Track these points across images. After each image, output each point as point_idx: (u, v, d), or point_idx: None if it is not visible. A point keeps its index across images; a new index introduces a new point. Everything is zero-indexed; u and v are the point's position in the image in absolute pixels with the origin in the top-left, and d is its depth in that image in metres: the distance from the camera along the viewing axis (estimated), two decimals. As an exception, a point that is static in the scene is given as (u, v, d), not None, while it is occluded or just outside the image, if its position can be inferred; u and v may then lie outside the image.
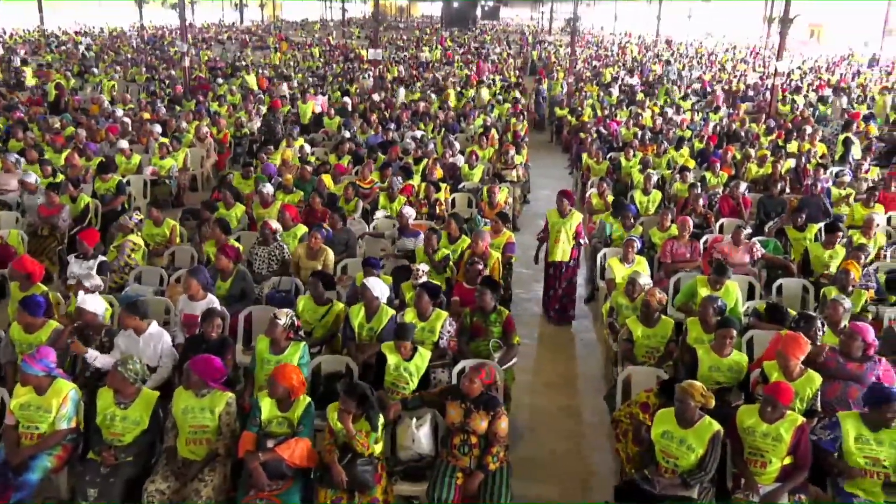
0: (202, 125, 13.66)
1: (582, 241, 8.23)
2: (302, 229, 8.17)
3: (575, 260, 8.28)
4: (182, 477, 4.66)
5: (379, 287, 6.10)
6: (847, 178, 10.48)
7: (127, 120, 14.20)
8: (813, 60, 34.65)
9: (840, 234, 7.87)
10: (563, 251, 8.10)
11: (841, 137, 14.31)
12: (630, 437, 5.21)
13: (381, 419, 4.74)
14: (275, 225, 7.79)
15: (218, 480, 4.67)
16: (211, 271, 6.84)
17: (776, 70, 18.74)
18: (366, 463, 4.57)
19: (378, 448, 4.75)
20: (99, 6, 56.73)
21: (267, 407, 4.75)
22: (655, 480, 4.57)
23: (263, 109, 16.21)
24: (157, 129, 13.25)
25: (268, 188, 9.07)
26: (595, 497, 5.37)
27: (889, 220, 9.75)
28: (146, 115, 15.22)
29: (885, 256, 8.36)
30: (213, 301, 6.25)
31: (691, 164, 12.05)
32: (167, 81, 21.37)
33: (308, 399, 4.83)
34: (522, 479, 5.55)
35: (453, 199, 10.69)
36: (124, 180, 10.49)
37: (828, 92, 21.13)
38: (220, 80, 21.93)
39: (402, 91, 20.40)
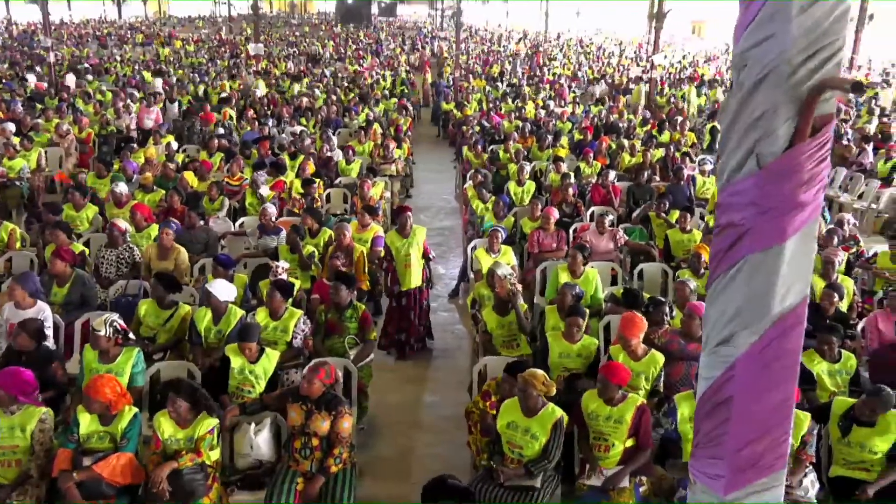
0: (63, 123, 12.80)
1: (431, 256, 7.78)
2: (156, 230, 7.70)
3: (426, 280, 7.60)
4: (-12, 503, 4.24)
5: (223, 290, 5.78)
6: (708, 167, 10.86)
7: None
8: (692, 55, 36.13)
9: (689, 216, 8.09)
10: (415, 276, 7.20)
11: (708, 126, 14.90)
12: (479, 428, 5.13)
13: (216, 421, 4.47)
14: (124, 225, 7.31)
15: (30, 505, 4.27)
16: (48, 277, 6.34)
17: (653, 63, 19.33)
18: (194, 471, 4.28)
19: (214, 455, 4.47)
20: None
21: (86, 421, 4.39)
22: (499, 471, 4.50)
23: (134, 107, 15.37)
24: (11, 127, 12.30)
25: (121, 187, 8.54)
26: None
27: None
28: (-1, 114, 14.17)
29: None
30: (42, 309, 5.77)
31: (564, 153, 12.22)
32: (28, 79, 20.01)
33: (134, 410, 4.49)
34: (375, 479, 5.41)
35: (328, 195, 10.42)
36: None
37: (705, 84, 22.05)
38: (89, 77, 20.71)
39: (262, 84, 19.89)
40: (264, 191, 9.21)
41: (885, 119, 15.17)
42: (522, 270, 8.39)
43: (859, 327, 6.23)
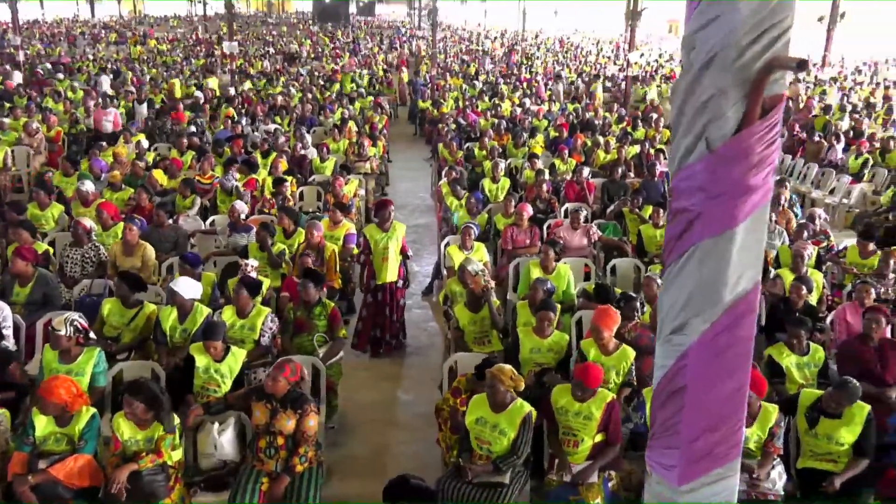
0: (31, 122, 12.58)
1: (409, 253, 7.67)
2: (122, 227, 7.58)
3: (403, 279, 7.42)
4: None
5: (189, 288, 5.69)
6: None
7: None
8: (668, 53, 36.34)
9: (662, 211, 8.09)
10: (391, 270, 7.06)
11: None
12: (449, 426, 5.08)
13: (178, 422, 4.38)
14: (88, 224, 7.18)
15: (-16, 510, 4.17)
16: (9, 276, 6.20)
17: (628, 61, 19.43)
18: (154, 472, 4.19)
19: (176, 455, 4.38)
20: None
21: (42, 423, 4.28)
22: (467, 468, 4.45)
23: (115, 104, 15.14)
24: (-23, 126, 12.09)
25: (87, 185, 8.39)
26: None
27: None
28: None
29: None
30: (1, 309, 5.63)
31: (540, 151, 12.22)
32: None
33: (92, 411, 4.39)
34: (344, 478, 5.34)
35: (301, 192, 10.33)
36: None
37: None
38: (59, 76, 20.39)
39: (224, 78, 19.73)
40: (238, 185, 9.10)
41: (856, 115, 15.31)
42: (496, 267, 8.36)
43: (828, 320, 6.26)
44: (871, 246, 7.28)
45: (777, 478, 4.41)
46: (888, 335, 5.69)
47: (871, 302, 5.83)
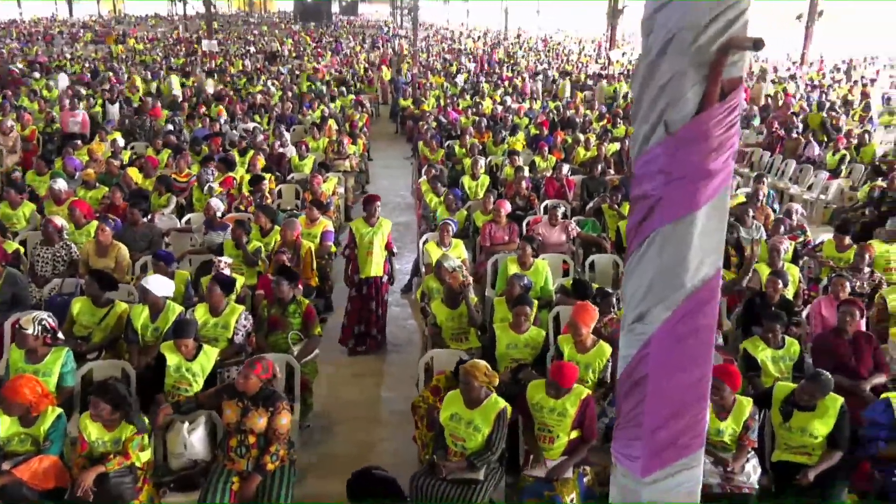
0: (5, 120, 12.39)
1: (394, 250, 7.61)
2: (96, 226, 7.46)
3: (388, 274, 7.39)
4: None
5: (160, 285, 5.60)
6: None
7: None
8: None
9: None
10: (376, 265, 7.04)
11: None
12: (426, 423, 5.03)
13: (146, 422, 4.30)
14: (60, 222, 7.06)
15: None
16: (-23, 277, 6.08)
17: (609, 59, 19.46)
18: (122, 474, 4.11)
19: (144, 456, 4.30)
20: None
21: (6, 424, 4.19)
22: (441, 465, 4.41)
23: (80, 105, 14.94)
24: (-51, 125, 11.87)
25: (59, 184, 8.27)
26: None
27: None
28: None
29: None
30: (-32, 309, 5.53)
31: (520, 148, 12.21)
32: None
33: (58, 411, 4.31)
34: (320, 477, 5.28)
35: (279, 190, 10.25)
36: None
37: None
38: (36, 75, 20.13)
39: (210, 82, 19.56)
40: (213, 185, 9.00)
41: (832, 113, 15.43)
42: (475, 264, 8.32)
43: (804, 314, 6.27)
44: (847, 240, 7.31)
45: (752, 471, 4.40)
46: (863, 328, 5.72)
47: (846, 295, 5.84)
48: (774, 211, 9.01)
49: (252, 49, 33.40)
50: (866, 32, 38.46)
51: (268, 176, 9.91)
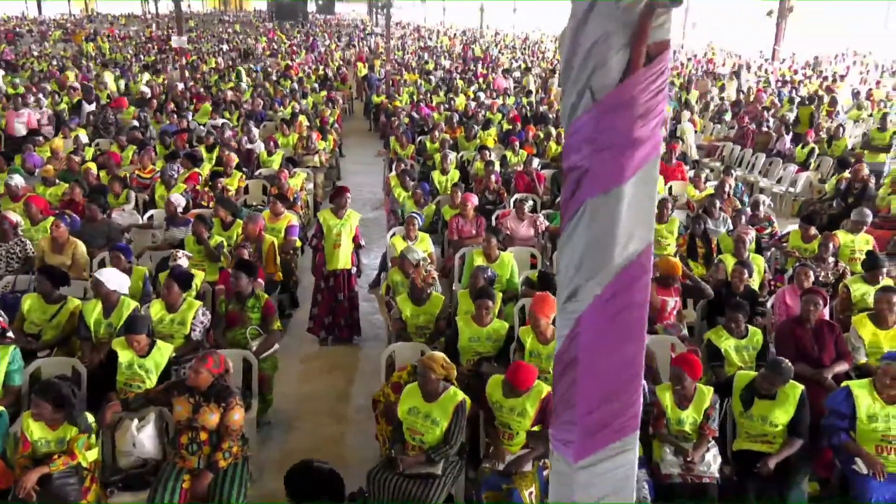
0: (-36, 118, 12.15)
1: (362, 243, 7.51)
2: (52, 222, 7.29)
3: (356, 266, 7.37)
4: None
5: (114, 278, 5.46)
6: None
7: None
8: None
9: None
10: (344, 257, 6.97)
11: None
12: (386, 418, 4.94)
13: (92, 420, 4.17)
14: (15, 218, 6.89)
15: None
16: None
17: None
18: (67, 475, 3.97)
19: (91, 456, 4.16)
20: None
21: (-56, 423, 4.03)
22: (399, 459, 4.32)
23: (45, 101, 14.67)
24: None
25: (16, 179, 8.07)
26: (350, 483, 5.04)
27: (670, 190, 10.23)
28: None
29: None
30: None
31: (491, 143, 12.15)
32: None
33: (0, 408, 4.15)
34: (279, 473, 5.13)
35: (247, 186, 10.09)
36: None
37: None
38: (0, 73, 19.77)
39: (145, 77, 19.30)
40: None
41: (803, 108, 15.53)
42: (443, 258, 8.23)
43: (769, 304, 6.26)
44: (813, 231, 7.32)
45: (712, 460, 4.36)
46: (827, 317, 5.71)
47: (810, 284, 5.82)
48: (743, 203, 9.01)
49: (225, 47, 33.06)
50: (833, 31, 38.92)
51: (237, 174, 9.77)
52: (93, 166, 9.25)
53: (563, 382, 1.95)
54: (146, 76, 19.31)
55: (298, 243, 7.97)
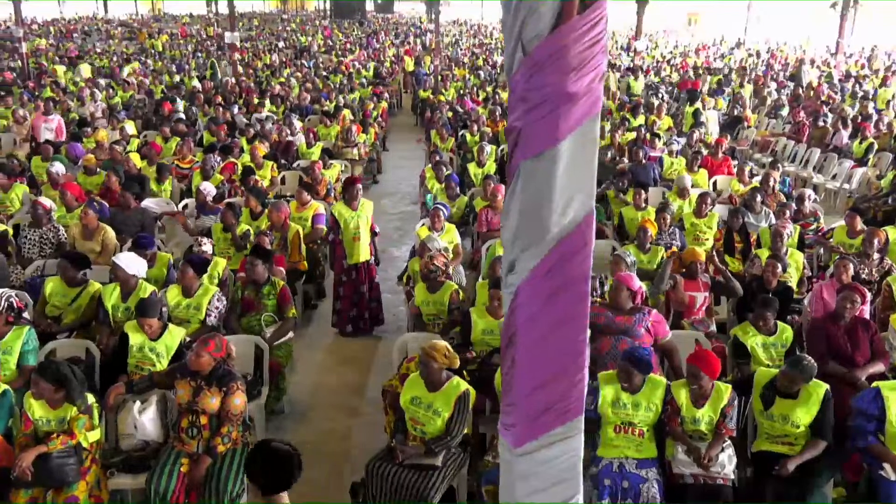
0: (18, 109, 12.55)
1: (377, 230, 7.38)
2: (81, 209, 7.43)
3: (374, 256, 7.30)
4: None
5: (131, 262, 5.50)
6: (676, 147, 10.56)
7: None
8: (683, 45, 35.74)
9: (644, 193, 7.83)
10: (364, 250, 6.86)
11: (690, 109, 14.50)
12: (393, 408, 4.85)
13: (93, 401, 4.19)
14: (49, 204, 7.04)
15: None
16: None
17: (635, 49, 19.04)
18: (65, 454, 3.99)
19: (92, 437, 4.18)
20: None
21: (-50, 401, 4.11)
22: (398, 450, 4.22)
23: (99, 95, 15.10)
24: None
25: (56, 167, 8.29)
26: (356, 474, 4.95)
27: (714, 184, 9.88)
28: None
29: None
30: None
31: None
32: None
33: (2, 387, 4.21)
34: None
35: (283, 177, 10.15)
36: None
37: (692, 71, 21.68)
38: (63, 68, 20.47)
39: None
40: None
41: (864, 101, 14.83)
42: (472, 250, 8.11)
43: (806, 301, 5.94)
44: (860, 225, 6.91)
45: (727, 461, 4.11)
46: (867, 316, 5.38)
47: (849, 279, 5.49)
48: (789, 198, 8.61)
49: (281, 44, 33.56)
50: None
51: (269, 164, 9.84)
52: (135, 157, 9.43)
53: (506, 360, 1.82)
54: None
55: (325, 231, 7.94)
